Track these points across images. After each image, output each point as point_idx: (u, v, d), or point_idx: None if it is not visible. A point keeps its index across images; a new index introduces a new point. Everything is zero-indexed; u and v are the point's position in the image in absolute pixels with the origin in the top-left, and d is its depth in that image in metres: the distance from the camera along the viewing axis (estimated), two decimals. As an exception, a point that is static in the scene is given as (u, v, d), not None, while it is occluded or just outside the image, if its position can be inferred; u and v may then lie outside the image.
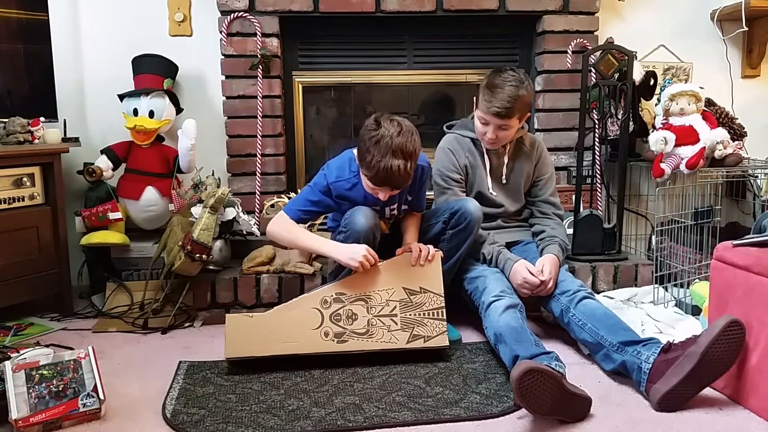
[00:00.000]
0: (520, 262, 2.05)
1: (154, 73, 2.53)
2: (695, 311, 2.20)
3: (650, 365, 1.64)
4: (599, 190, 2.73)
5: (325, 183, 1.99)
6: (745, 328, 1.56)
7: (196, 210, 2.30)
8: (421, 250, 1.96)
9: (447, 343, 1.91)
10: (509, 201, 2.26)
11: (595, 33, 2.70)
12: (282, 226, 2.01)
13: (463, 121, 2.29)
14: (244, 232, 2.44)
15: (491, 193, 2.22)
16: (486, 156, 2.21)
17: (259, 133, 2.61)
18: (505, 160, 2.22)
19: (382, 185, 1.86)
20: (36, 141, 2.32)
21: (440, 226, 2.08)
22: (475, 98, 2.17)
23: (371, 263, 1.89)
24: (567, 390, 1.52)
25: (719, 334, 1.55)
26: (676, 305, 2.30)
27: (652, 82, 2.64)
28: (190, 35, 2.70)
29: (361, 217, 1.92)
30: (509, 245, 2.22)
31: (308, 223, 2.24)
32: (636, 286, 2.41)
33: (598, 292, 2.35)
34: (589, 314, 1.87)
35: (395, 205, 2.08)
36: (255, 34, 2.56)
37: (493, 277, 2.01)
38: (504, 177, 2.23)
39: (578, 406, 1.55)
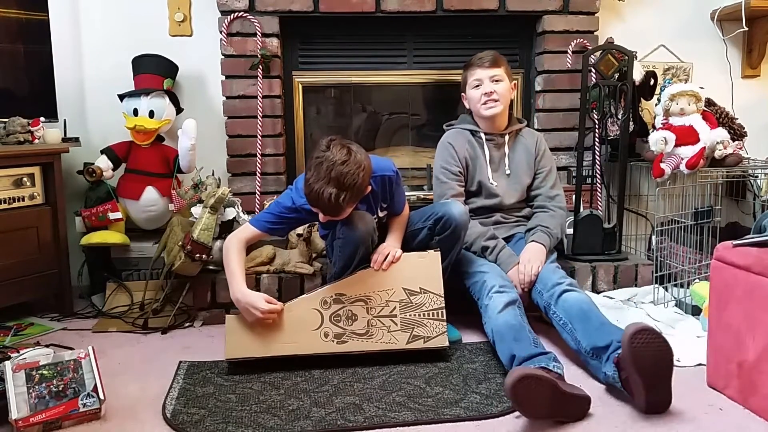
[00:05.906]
0: (513, 270, 2.06)
1: (154, 73, 2.53)
2: (695, 311, 2.20)
3: (620, 383, 1.61)
4: (599, 190, 2.73)
5: (291, 204, 1.93)
6: (654, 331, 1.52)
7: (196, 210, 2.30)
8: (381, 256, 1.93)
9: (447, 343, 1.91)
10: (510, 191, 2.27)
11: (595, 33, 2.69)
12: (235, 240, 1.94)
13: (462, 117, 2.33)
14: (244, 232, 2.43)
15: (492, 183, 2.23)
16: (486, 147, 2.24)
17: (259, 133, 2.61)
18: (506, 150, 2.25)
19: (312, 206, 1.80)
20: (36, 141, 2.32)
21: (426, 232, 2.05)
22: (462, 82, 2.31)
23: (271, 317, 1.84)
24: (563, 392, 1.52)
25: (627, 347, 1.52)
26: (676, 305, 2.30)
27: (652, 82, 2.64)
28: (190, 35, 2.70)
29: (358, 222, 1.90)
30: (504, 240, 2.22)
31: (308, 224, 2.23)
32: (636, 286, 2.41)
33: (598, 293, 2.36)
34: (568, 310, 1.85)
35: (374, 216, 2.03)
36: (255, 34, 2.56)
37: (492, 272, 2.01)
38: (506, 167, 2.25)
39: (577, 406, 1.55)
